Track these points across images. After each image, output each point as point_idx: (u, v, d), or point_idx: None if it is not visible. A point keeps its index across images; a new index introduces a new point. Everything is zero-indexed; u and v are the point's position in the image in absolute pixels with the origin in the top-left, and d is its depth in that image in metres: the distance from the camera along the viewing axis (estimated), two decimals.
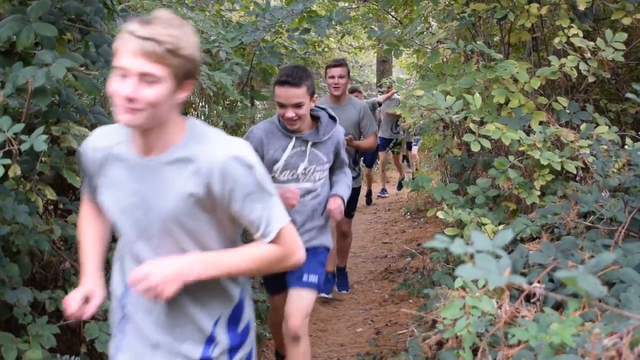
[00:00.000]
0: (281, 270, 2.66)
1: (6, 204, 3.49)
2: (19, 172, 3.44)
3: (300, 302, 4.46)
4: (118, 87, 2.21)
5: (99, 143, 2.55)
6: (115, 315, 2.72)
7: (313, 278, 4.52)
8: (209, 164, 2.34)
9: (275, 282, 4.83)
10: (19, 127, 3.10)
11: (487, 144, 4.65)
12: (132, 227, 2.49)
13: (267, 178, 2.48)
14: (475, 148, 4.64)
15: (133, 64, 2.16)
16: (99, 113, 4.21)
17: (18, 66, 3.45)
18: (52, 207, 4.65)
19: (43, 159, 3.85)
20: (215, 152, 2.36)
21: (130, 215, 2.47)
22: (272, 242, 2.53)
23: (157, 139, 2.37)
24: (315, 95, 4.38)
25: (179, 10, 5.91)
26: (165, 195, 2.39)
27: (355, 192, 7.52)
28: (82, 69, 3.73)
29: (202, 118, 8.19)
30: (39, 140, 3.03)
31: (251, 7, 7.58)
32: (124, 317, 2.66)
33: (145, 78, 2.18)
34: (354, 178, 7.14)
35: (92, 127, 4.43)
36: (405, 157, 18.72)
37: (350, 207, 7.51)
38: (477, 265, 1.46)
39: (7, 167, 3.16)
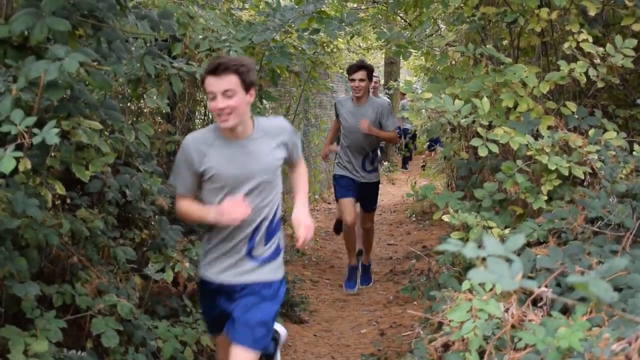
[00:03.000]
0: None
1: (17, 198, 3.51)
2: (29, 166, 3.45)
3: None
4: None
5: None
6: None
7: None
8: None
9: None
10: (31, 120, 3.11)
11: (494, 149, 4.66)
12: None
13: None
14: (483, 153, 4.64)
15: None
16: (110, 108, 4.22)
17: (31, 60, 3.45)
18: (60, 201, 4.67)
19: (53, 153, 3.86)
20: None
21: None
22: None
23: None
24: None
25: (190, 9, 5.91)
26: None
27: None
28: (94, 64, 3.74)
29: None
30: (50, 134, 3.03)
31: (261, 7, 7.59)
32: None
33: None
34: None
35: (103, 122, 4.45)
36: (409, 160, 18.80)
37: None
38: (489, 269, 1.46)
39: (18, 161, 3.17)
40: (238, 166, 3.70)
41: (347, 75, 7.83)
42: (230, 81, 3.55)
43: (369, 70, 7.55)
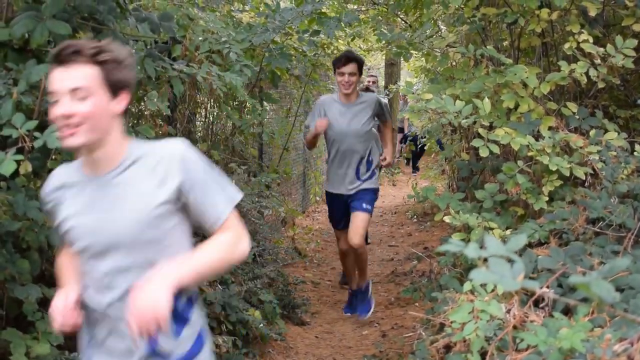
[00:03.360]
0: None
1: (17, 200, 3.51)
2: (30, 169, 3.45)
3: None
4: None
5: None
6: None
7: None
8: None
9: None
10: (32, 124, 3.11)
11: (495, 149, 4.65)
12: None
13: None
14: (484, 153, 4.64)
15: None
16: None
17: (31, 63, 3.46)
18: None
19: (54, 156, 3.87)
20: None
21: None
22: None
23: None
24: None
25: (190, 11, 5.91)
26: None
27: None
28: None
29: (211, 118, 8.21)
30: (52, 137, 3.04)
31: (261, 8, 7.59)
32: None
33: None
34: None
35: None
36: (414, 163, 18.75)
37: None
38: (491, 269, 1.46)
39: (18, 164, 3.17)
40: (94, 216, 2.49)
41: (333, 68, 6.87)
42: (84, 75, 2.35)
43: (360, 62, 6.79)
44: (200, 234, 2.78)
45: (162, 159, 2.45)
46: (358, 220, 6.75)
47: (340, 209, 7.04)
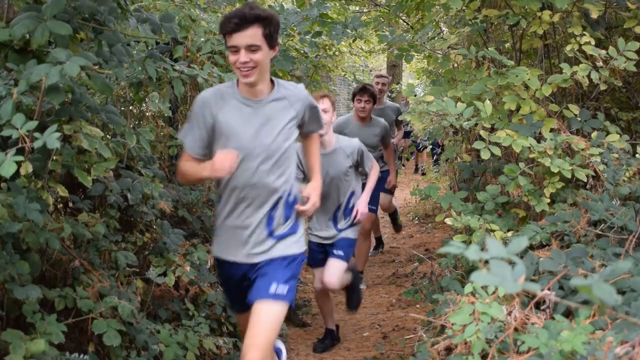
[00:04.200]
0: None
1: (18, 202, 3.50)
2: (30, 170, 3.44)
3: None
4: None
5: None
6: None
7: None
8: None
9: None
10: (32, 124, 3.10)
11: (497, 151, 4.65)
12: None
13: None
14: (485, 155, 4.64)
15: None
16: (110, 112, 4.22)
17: (32, 64, 3.45)
18: (61, 205, 4.66)
19: (54, 157, 3.86)
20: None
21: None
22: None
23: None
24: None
25: (192, 12, 5.91)
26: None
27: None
28: (96, 68, 3.74)
29: None
30: (52, 138, 3.03)
31: None
32: None
33: None
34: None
35: (104, 126, 4.44)
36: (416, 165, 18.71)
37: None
38: (492, 271, 1.46)
39: (19, 165, 3.16)
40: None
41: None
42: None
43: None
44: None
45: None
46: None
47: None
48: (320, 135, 4.47)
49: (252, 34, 3.44)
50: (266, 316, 3.62)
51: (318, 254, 5.95)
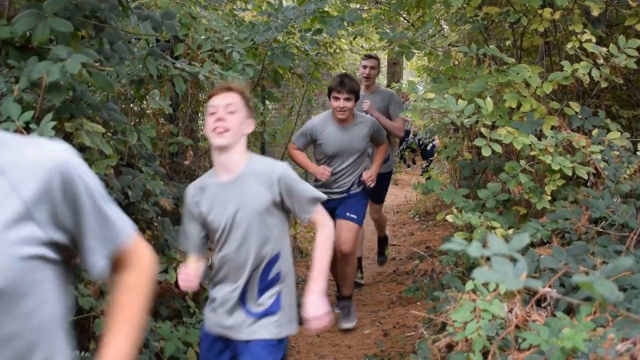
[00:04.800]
0: None
1: None
2: None
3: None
4: None
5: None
6: None
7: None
8: None
9: None
10: (29, 114, 3.11)
11: (498, 149, 4.65)
12: None
13: None
14: (486, 153, 4.64)
15: None
16: (111, 109, 4.22)
17: (33, 61, 3.45)
18: None
19: None
20: None
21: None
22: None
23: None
24: None
25: (192, 9, 5.91)
26: None
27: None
28: (97, 65, 3.75)
29: None
30: (47, 128, 3.04)
31: (263, 7, 7.58)
32: None
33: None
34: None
35: (105, 123, 4.44)
36: (413, 162, 18.63)
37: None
38: (494, 268, 1.46)
39: None
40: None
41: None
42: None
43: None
44: None
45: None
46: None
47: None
48: None
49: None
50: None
51: None
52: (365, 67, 7.64)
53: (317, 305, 3.32)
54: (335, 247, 5.91)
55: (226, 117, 3.35)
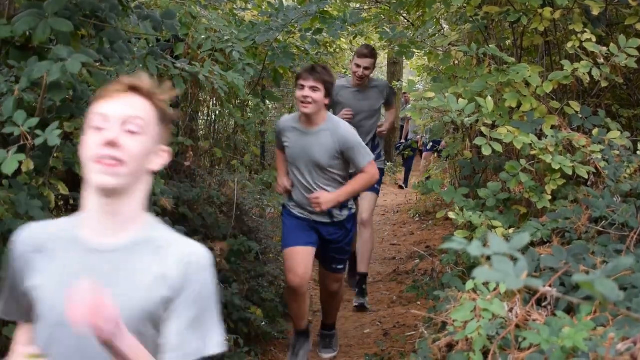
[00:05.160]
0: None
1: (19, 199, 3.50)
2: (32, 167, 3.45)
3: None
4: None
5: None
6: None
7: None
8: None
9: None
10: (34, 121, 3.11)
11: (498, 148, 4.65)
12: None
13: None
14: (486, 152, 4.64)
15: None
16: None
17: (33, 60, 3.45)
18: (63, 202, 4.66)
19: (56, 154, 3.86)
20: None
21: None
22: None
23: None
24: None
25: (193, 9, 5.91)
26: None
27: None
28: (97, 65, 3.75)
29: (214, 117, 8.21)
30: (52, 135, 3.04)
31: (264, 7, 7.59)
32: None
33: None
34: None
35: None
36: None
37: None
38: (495, 267, 1.46)
39: (20, 162, 3.17)
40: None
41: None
42: None
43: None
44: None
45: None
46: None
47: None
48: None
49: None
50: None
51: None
52: (359, 66, 6.86)
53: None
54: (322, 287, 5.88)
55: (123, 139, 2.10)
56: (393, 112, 7.59)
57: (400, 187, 16.10)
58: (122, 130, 2.08)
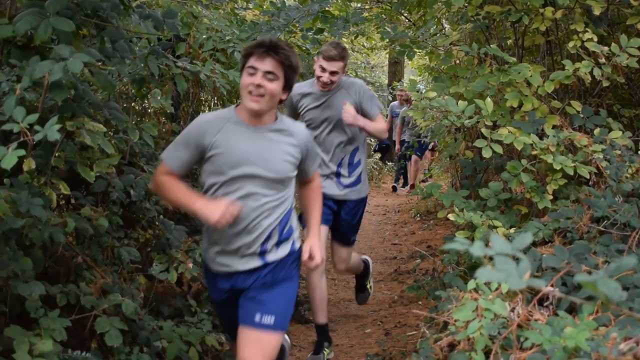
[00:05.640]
0: None
1: (21, 197, 3.50)
2: (33, 166, 3.45)
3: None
4: None
5: None
6: None
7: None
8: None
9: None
10: (33, 117, 3.10)
11: (499, 149, 4.65)
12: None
13: None
14: (487, 154, 4.64)
15: None
16: (113, 108, 4.22)
17: (35, 60, 3.45)
18: (64, 201, 4.67)
19: (57, 153, 3.87)
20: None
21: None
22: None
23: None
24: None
25: (194, 9, 5.91)
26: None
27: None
28: (98, 64, 3.75)
29: None
30: (52, 130, 3.03)
31: (265, 6, 7.58)
32: None
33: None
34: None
35: (107, 122, 4.44)
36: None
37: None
38: (497, 267, 1.46)
39: (21, 161, 3.17)
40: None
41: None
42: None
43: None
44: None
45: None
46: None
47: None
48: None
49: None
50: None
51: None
52: (324, 70, 5.32)
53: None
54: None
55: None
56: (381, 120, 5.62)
57: (394, 189, 15.82)
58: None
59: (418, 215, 12.07)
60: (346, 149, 5.56)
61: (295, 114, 5.58)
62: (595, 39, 5.00)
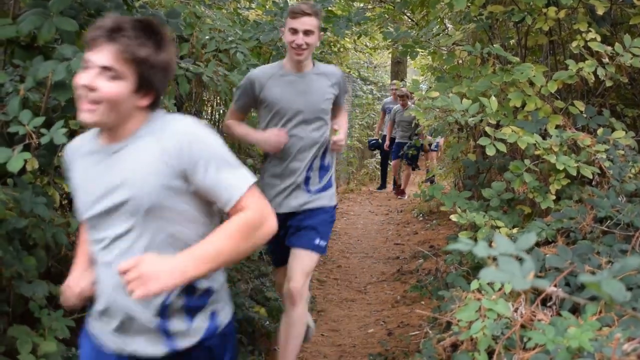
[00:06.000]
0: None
1: (24, 197, 3.51)
2: (37, 166, 3.45)
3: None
4: None
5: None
6: None
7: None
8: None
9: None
10: (39, 120, 3.11)
11: (502, 148, 4.64)
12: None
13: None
14: (490, 152, 4.63)
15: None
16: None
17: (38, 60, 3.46)
18: (67, 202, 4.67)
19: (60, 153, 3.87)
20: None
21: None
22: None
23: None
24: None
25: (197, 9, 5.91)
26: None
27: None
28: None
29: (217, 116, 8.21)
30: (58, 134, 3.04)
31: (267, 6, 7.59)
32: None
33: None
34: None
35: None
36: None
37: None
38: (501, 267, 1.45)
39: (25, 161, 3.17)
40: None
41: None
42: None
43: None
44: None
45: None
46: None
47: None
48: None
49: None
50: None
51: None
52: (295, 31, 4.38)
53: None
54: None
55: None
56: (345, 116, 4.95)
57: (379, 188, 15.75)
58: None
59: (421, 215, 12.06)
60: (318, 150, 4.58)
61: (251, 105, 4.69)
62: (599, 38, 4.99)
